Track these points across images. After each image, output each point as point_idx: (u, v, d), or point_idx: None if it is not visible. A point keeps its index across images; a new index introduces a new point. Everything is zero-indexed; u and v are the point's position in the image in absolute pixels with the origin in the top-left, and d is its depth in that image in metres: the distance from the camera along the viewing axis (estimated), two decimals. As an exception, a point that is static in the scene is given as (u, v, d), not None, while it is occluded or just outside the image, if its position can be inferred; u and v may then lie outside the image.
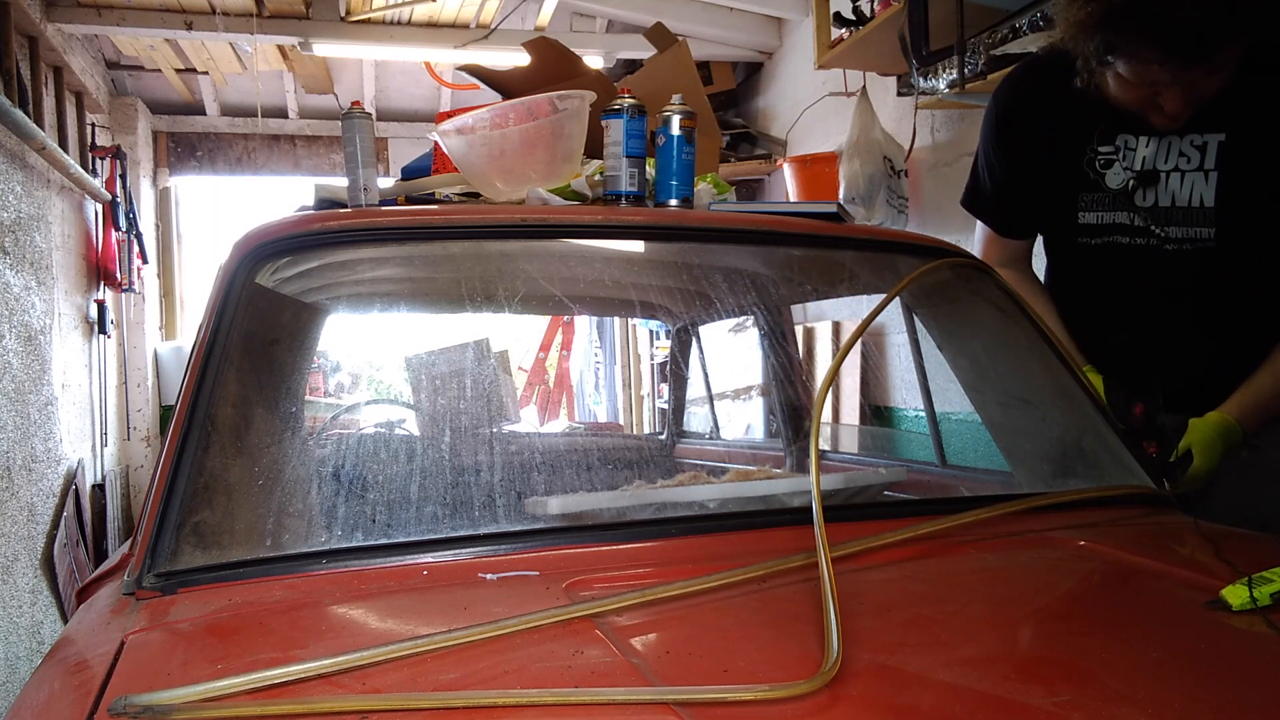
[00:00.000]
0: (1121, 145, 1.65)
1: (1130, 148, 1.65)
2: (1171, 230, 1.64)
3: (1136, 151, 1.64)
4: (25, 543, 3.51)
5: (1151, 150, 1.63)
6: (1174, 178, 1.61)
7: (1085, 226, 1.72)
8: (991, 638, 0.96)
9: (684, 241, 1.68)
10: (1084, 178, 1.69)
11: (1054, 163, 1.72)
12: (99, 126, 4.93)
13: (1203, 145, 1.58)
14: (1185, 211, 1.62)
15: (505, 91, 2.02)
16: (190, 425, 1.20)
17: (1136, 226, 1.67)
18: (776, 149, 4.85)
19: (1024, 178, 1.78)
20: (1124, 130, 1.64)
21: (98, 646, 0.97)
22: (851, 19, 3.36)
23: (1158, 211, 1.64)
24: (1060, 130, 1.70)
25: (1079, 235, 1.73)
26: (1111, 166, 1.66)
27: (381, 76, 5.63)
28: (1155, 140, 1.62)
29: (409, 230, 1.51)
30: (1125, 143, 1.65)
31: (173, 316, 5.69)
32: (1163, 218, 1.64)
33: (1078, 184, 1.70)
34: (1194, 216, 1.61)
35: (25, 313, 3.59)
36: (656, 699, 0.79)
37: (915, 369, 2.13)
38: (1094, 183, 1.69)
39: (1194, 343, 1.67)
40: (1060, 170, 1.72)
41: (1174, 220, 1.63)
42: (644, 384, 6.45)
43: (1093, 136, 1.67)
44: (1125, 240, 1.69)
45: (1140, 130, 1.62)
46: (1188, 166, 1.60)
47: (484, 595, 1.06)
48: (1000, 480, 1.88)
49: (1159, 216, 1.64)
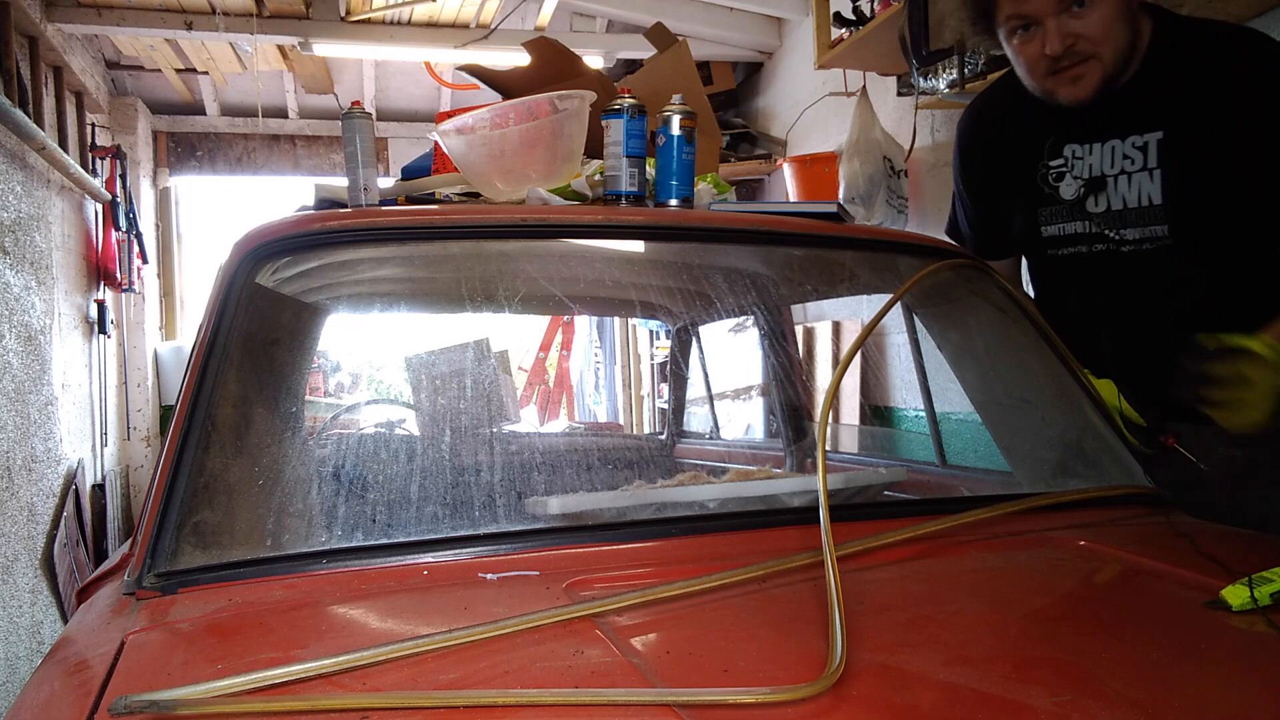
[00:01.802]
0: (1069, 155, 1.70)
1: (1078, 156, 1.70)
2: (1127, 232, 1.67)
3: (1084, 160, 1.69)
4: (25, 543, 3.51)
5: (1097, 157, 1.67)
6: (1121, 180, 1.65)
7: (1050, 239, 1.77)
8: (992, 638, 0.96)
9: (684, 241, 1.68)
10: (1040, 193, 1.75)
11: (1012, 182, 1.79)
12: (99, 126, 4.93)
13: (1144, 145, 1.62)
14: (1138, 212, 1.65)
15: (505, 91, 2.02)
16: (190, 425, 1.20)
17: (1093, 233, 1.71)
18: (776, 149, 4.85)
19: (989, 200, 1.86)
20: (1070, 141, 1.70)
21: (98, 646, 0.97)
22: (851, 19, 3.36)
23: (1111, 215, 1.68)
24: (1013, 151, 1.77)
25: (1046, 248, 1.79)
26: (1063, 179, 1.71)
27: (381, 76, 5.63)
28: (1099, 146, 1.67)
29: (409, 230, 1.51)
30: (1072, 153, 1.70)
31: (173, 316, 5.68)
32: (1117, 220, 1.67)
33: (1036, 200, 1.76)
34: (1146, 215, 1.64)
35: (25, 313, 3.59)
36: (658, 700, 0.79)
37: (915, 369, 2.14)
38: (1049, 196, 1.74)
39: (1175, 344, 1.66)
40: (1019, 189, 1.78)
41: (1128, 222, 1.66)
42: (644, 384, 6.45)
43: (1043, 151, 1.73)
44: (1085, 249, 1.73)
45: (1084, 139, 1.68)
46: (1132, 168, 1.64)
47: (484, 595, 1.06)
48: (1000, 480, 1.88)
49: (1113, 220, 1.68)
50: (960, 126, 1.90)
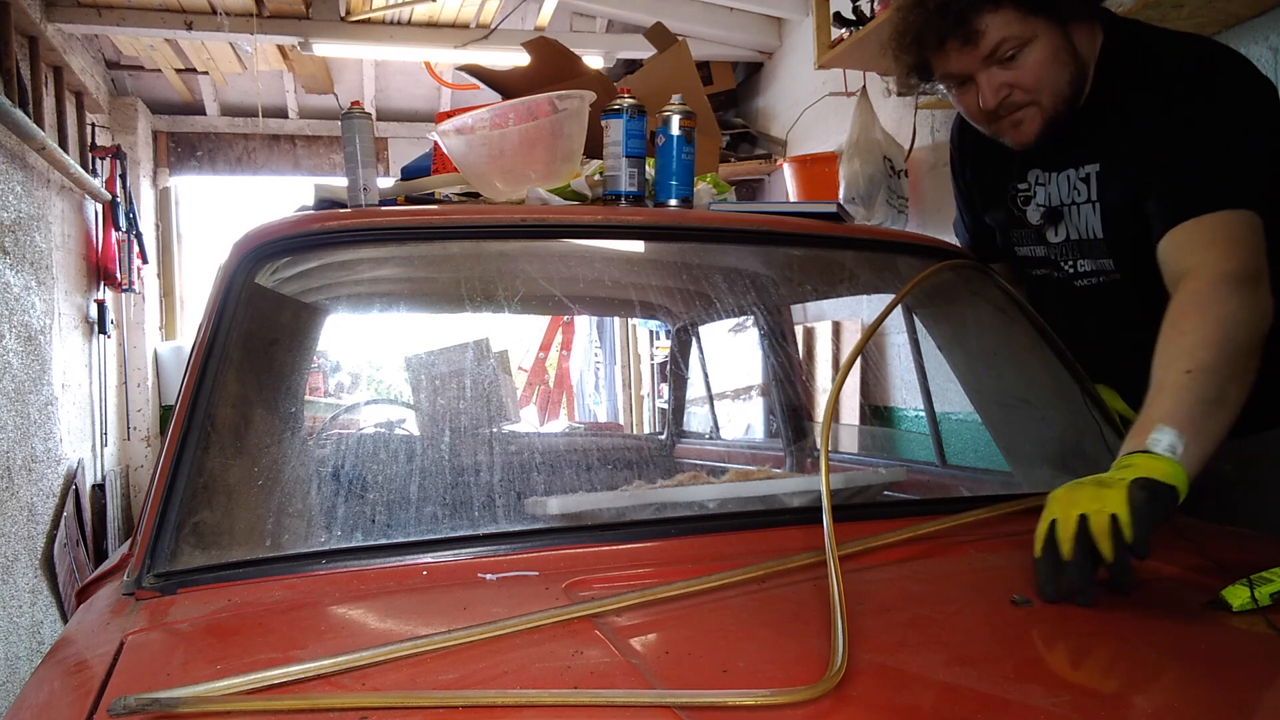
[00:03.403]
0: (1032, 181, 1.68)
1: (1040, 183, 1.66)
2: (1082, 264, 1.64)
3: (1045, 187, 1.66)
4: (25, 543, 3.51)
5: (1054, 186, 1.64)
6: (1073, 210, 1.62)
7: (1024, 259, 1.75)
8: (991, 638, 0.96)
9: (684, 241, 1.68)
10: (1011, 213, 1.73)
11: (989, 198, 1.78)
12: (99, 126, 4.93)
13: (1085, 177, 1.58)
14: (1089, 244, 1.61)
15: (505, 91, 2.02)
16: (190, 425, 1.20)
17: (1052, 260, 1.68)
18: (776, 149, 4.84)
19: (976, 209, 1.85)
20: (1034, 166, 1.66)
21: (97, 646, 0.97)
22: (851, 19, 3.36)
23: (1069, 245, 1.64)
24: (992, 164, 1.74)
25: (1023, 265, 1.77)
26: (1030, 203, 1.69)
27: (381, 76, 5.63)
28: (1056, 175, 1.63)
29: (409, 230, 1.51)
30: (1035, 178, 1.67)
31: (173, 316, 5.68)
32: (1075, 251, 1.64)
33: (1008, 220, 1.74)
34: (1094, 249, 1.61)
35: (25, 313, 3.59)
36: (657, 701, 0.78)
37: (915, 369, 2.13)
38: (1019, 219, 1.72)
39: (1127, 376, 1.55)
40: (994, 206, 1.77)
41: (1084, 252, 1.63)
42: (644, 384, 6.44)
43: (1013, 173, 1.70)
44: (1050, 273, 1.70)
45: (1047, 166, 1.64)
46: (1079, 199, 1.60)
47: (484, 595, 1.06)
48: (1000, 480, 1.88)
49: (1069, 251, 1.65)
50: (951, 135, 1.89)
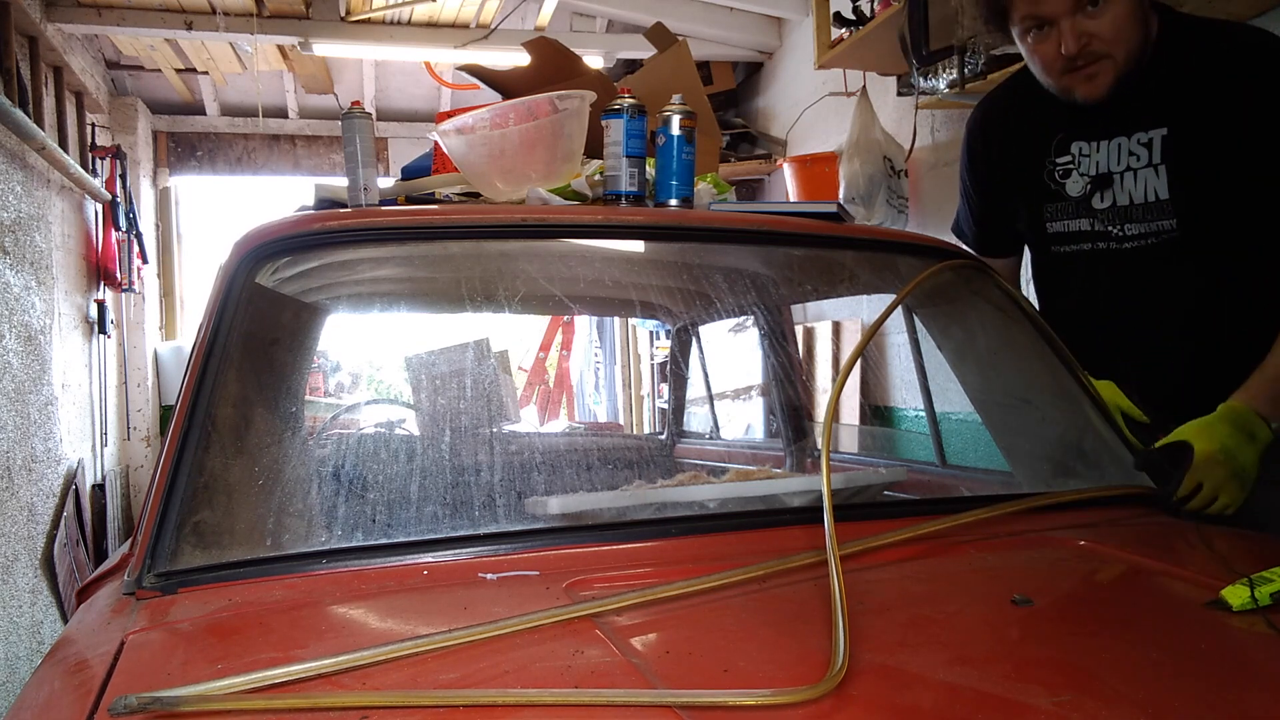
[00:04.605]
0: (1076, 153, 1.73)
1: (1085, 154, 1.72)
2: (1129, 228, 1.69)
3: (1090, 158, 1.71)
4: (25, 543, 3.51)
5: (1104, 154, 1.70)
6: (1128, 177, 1.68)
7: (1055, 235, 1.80)
8: (992, 638, 0.96)
9: (684, 241, 1.68)
10: (1046, 189, 1.78)
11: (1019, 179, 1.81)
12: (99, 126, 4.93)
13: (1148, 142, 1.65)
14: (1144, 208, 1.67)
15: (505, 91, 2.02)
16: (190, 425, 1.20)
17: (1096, 231, 1.73)
18: (776, 149, 4.85)
19: (995, 196, 1.89)
20: (1077, 138, 1.72)
21: (98, 646, 0.97)
22: (851, 19, 3.36)
23: (1116, 211, 1.70)
24: (1021, 147, 1.80)
25: (1051, 244, 1.81)
26: (1070, 175, 1.74)
27: (381, 76, 5.63)
28: (1106, 144, 1.69)
29: (409, 230, 1.51)
30: (1080, 150, 1.73)
31: (173, 316, 5.68)
32: (1121, 216, 1.70)
33: (1042, 196, 1.79)
34: (1152, 211, 1.66)
35: (25, 313, 3.59)
36: (658, 701, 0.78)
37: (915, 369, 2.14)
38: (1055, 193, 1.77)
39: (1171, 346, 1.69)
40: (1025, 185, 1.80)
41: (1132, 218, 1.69)
42: (644, 384, 6.44)
43: (1050, 149, 1.76)
44: (1088, 246, 1.75)
45: (1091, 136, 1.70)
46: (1138, 164, 1.66)
47: (484, 595, 1.06)
48: (1000, 480, 1.88)
49: (1117, 216, 1.70)
50: (969, 124, 1.92)
